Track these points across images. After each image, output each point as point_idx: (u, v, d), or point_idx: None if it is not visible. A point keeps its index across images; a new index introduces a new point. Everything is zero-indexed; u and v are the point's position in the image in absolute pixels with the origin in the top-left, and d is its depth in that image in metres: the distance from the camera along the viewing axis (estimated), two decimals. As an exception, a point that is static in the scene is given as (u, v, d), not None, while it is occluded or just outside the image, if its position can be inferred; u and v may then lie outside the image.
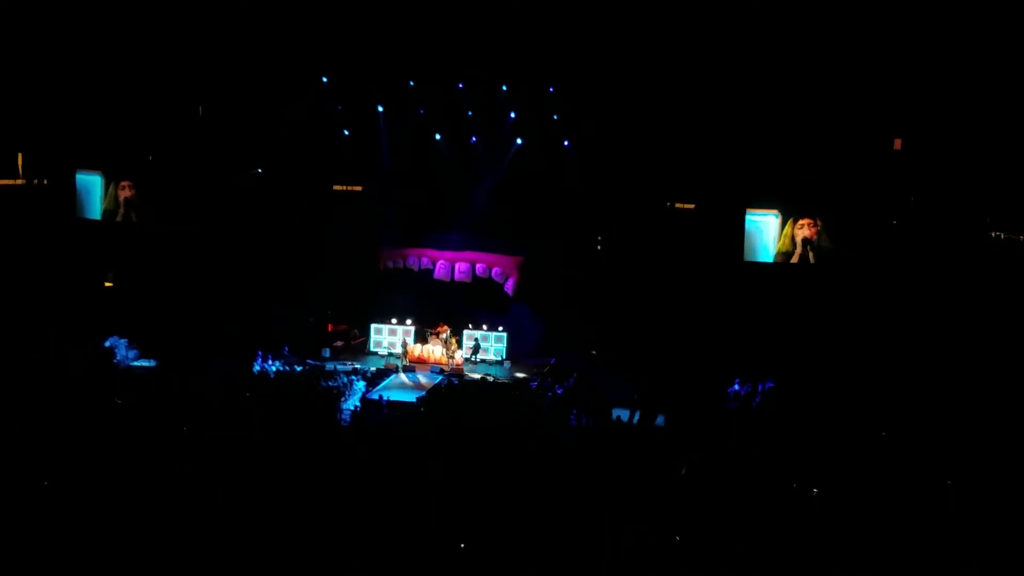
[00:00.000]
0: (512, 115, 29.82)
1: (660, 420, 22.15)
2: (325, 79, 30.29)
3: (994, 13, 24.44)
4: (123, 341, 26.86)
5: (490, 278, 30.45)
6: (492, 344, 29.34)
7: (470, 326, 29.41)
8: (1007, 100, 25.29)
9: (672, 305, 28.18)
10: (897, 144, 27.43)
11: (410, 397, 24.35)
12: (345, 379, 25.26)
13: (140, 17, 28.66)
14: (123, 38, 29.02)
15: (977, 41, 24.87)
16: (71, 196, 31.16)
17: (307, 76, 30.09)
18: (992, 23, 24.56)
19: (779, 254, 27.61)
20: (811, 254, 27.37)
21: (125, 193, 31.11)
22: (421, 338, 29.28)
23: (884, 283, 26.65)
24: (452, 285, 30.66)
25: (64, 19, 28.51)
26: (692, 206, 29.66)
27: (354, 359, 28.63)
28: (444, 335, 28.90)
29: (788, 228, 27.53)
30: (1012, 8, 24.23)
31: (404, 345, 28.81)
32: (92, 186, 31.25)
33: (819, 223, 27.27)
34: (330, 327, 30.61)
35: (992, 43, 24.77)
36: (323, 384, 24.24)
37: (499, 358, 29.13)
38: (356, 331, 30.17)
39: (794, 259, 27.55)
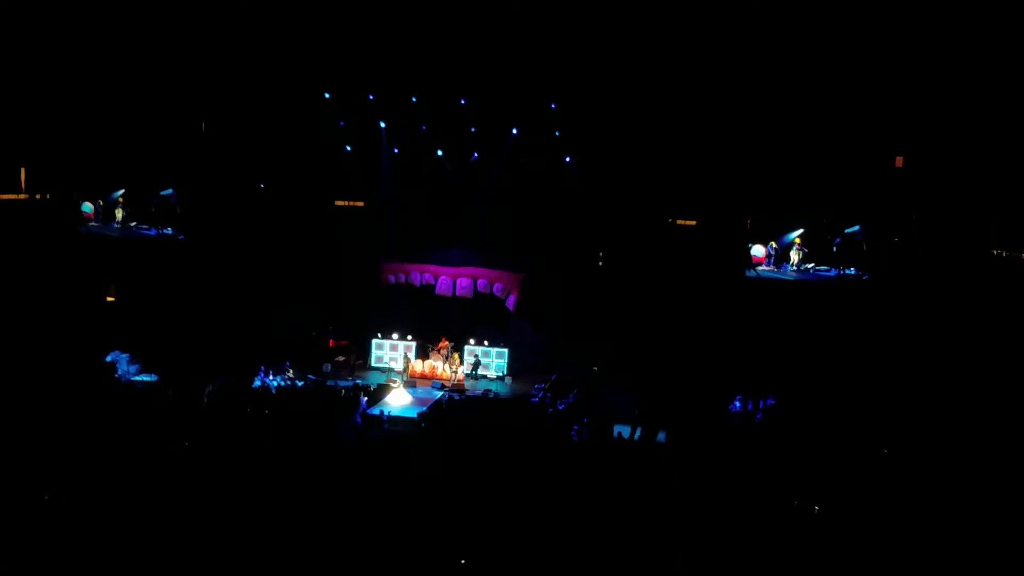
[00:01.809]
0: (514, 131, 29.87)
1: (661, 436, 22.12)
2: (327, 95, 30.37)
3: (996, 34, 24.52)
4: (124, 356, 26.85)
5: (491, 294, 30.44)
6: (493, 360, 29.28)
7: (471, 341, 29.39)
8: (1008, 118, 25.36)
9: (673, 321, 28.19)
10: (899, 162, 27.48)
11: (411, 413, 24.31)
12: (346, 394, 25.24)
13: (143, 33, 28.76)
14: (126, 54, 29.11)
15: (978, 60, 24.97)
16: (73, 211, 31.22)
17: (309, 92, 30.17)
18: (994, 44, 24.64)
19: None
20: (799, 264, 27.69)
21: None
22: (422, 353, 29.27)
23: (886, 300, 26.66)
24: (453, 301, 30.64)
25: (68, 35, 28.61)
26: (693, 222, 29.68)
27: (355, 375, 28.61)
28: (445, 351, 28.89)
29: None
30: (1013, 30, 24.32)
31: (405, 360, 28.79)
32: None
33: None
34: (331, 342, 30.59)
35: (992, 62, 24.87)
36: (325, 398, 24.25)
37: (500, 374, 29.09)
38: (355, 353, 30.12)
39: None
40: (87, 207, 31.33)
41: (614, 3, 27.03)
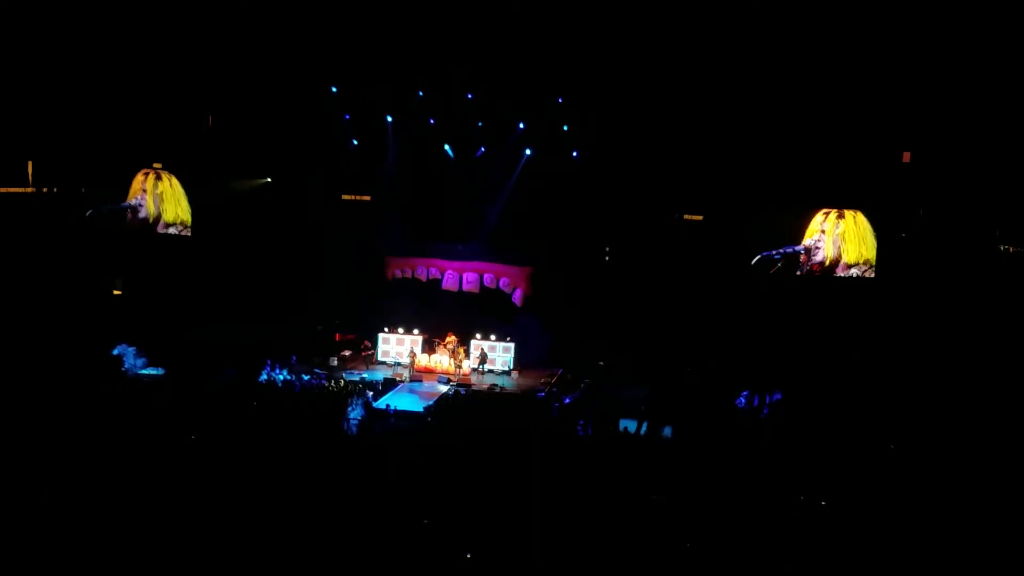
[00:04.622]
0: (521, 125, 29.86)
1: (667, 431, 22.12)
2: (334, 89, 30.37)
3: (1004, 29, 24.46)
4: (131, 349, 26.90)
5: (498, 288, 30.46)
6: (499, 354, 29.27)
7: (478, 336, 29.40)
8: (1015, 114, 25.28)
9: (679, 316, 28.15)
10: (906, 157, 27.40)
11: (417, 407, 24.34)
12: (351, 388, 25.25)
13: (150, 28, 28.78)
14: (134, 49, 29.13)
15: (985, 55, 24.90)
16: (80, 204, 31.27)
17: (316, 86, 30.18)
18: (1002, 39, 24.58)
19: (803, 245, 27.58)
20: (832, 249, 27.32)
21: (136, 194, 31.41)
22: (428, 348, 29.28)
23: (893, 295, 26.61)
24: (460, 295, 30.67)
25: (75, 29, 28.63)
26: (700, 217, 29.64)
27: (361, 368, 28.63)
28: (451, 345, 28.90)
29: (820, 220, 27.48)
30: (1020, 27, 24.27)
31: (411, 355, 28.80)
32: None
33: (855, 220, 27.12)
34: (337, 336, 30.63)
35: (1000, 58, 24.80)
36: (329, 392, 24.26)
37: (506, 368, 29.09)
38: (367, 343, 30.14)
39: (816, 256, 27.46)
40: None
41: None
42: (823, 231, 27.50)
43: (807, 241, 27.52)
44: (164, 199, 31.35)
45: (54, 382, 20.93)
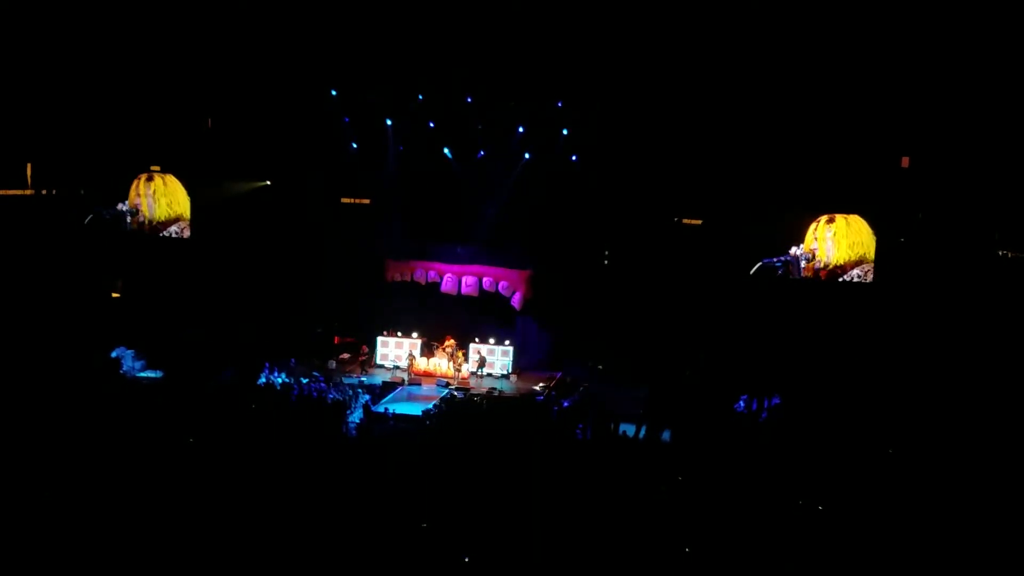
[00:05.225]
0: (520, 129, 29.86)
1: (666, 435, 22.11)
2: (334, 92, 30.38)
3: (1001, 34, 24.47)
4: (130, 352, 26.90)
5: (497, 292, 30.43)
6: (498, 358, 29.29)
7: (476, 339, 29.41)
8: (1015, 119, 25.29)
9: (679, 320, 28.16)
10: (905, 162, 27.40)
11: (416, 410, 24.33)
12: (350, 391, 25.26)
13: (148, 30, 28.77)
14: (132, 50, 29.12)
15: (985, 60, 24.91)
16: (79, 206, 31.23)
17: (316, 89, 30.17)
18: (999, 44, 24.60)
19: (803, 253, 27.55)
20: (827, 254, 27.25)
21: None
22: (427, 351, 29.28)
23: (891, 300, 26.60)
24: (459, 298, 30.63)
25: (74, 30, 28.62)
26: (699, 221, 29.63)
27: (360, 372, 28.63)
28: (450, 348, 28.91)
29: (812, 229, 27.46)
30: (1019, 30, 24.28)
31: (410, 358, 28.80)
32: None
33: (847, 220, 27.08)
34: (336, 339, 30.62)
35: (1000, 62, 24.82)
36: (328, 396, 24.23)
37: (505, 372, 29.10)
38: (366, 348, 30.13)
39: (812, 263, 27.42)
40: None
41: (622, 1, 27.01)
42: (816, 238, 27.54)
43: (807, 250, 27.52)
44: (155, 198, 31.30)
45: (52, 384, 20.90)
